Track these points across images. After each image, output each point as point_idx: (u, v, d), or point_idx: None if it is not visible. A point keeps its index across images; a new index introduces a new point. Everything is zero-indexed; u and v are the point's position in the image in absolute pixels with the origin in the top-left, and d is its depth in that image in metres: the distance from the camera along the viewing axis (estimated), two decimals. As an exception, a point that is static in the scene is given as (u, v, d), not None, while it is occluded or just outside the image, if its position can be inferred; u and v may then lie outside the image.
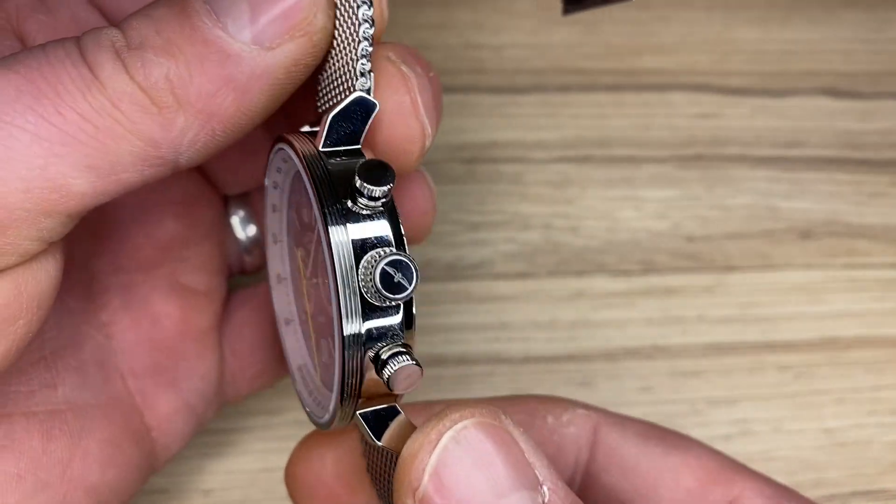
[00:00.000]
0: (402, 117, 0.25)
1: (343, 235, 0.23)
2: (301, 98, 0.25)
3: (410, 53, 0.26)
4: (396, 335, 0.23)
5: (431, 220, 0.29)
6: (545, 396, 0.29)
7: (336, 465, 0.28)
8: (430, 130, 0.25)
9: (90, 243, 0.29)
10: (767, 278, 0.38)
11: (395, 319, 0.23)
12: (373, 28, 0.23)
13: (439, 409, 0.22)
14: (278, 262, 0.29)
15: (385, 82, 0.24)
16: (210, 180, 0.31)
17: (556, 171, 0.39)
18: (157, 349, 0.30)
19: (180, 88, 0.22)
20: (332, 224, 0.22)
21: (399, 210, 0.24)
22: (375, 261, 0.22)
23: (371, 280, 0.22)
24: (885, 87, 0.42)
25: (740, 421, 0.36)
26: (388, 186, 0.22)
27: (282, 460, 0.34)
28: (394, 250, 0.23)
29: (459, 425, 0.21)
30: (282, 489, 0.33)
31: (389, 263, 0.22)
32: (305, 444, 0.28)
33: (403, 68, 0.25)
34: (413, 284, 0.22)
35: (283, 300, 0.29)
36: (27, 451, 0.25)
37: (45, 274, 0.23)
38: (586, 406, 0.29)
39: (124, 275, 0.29)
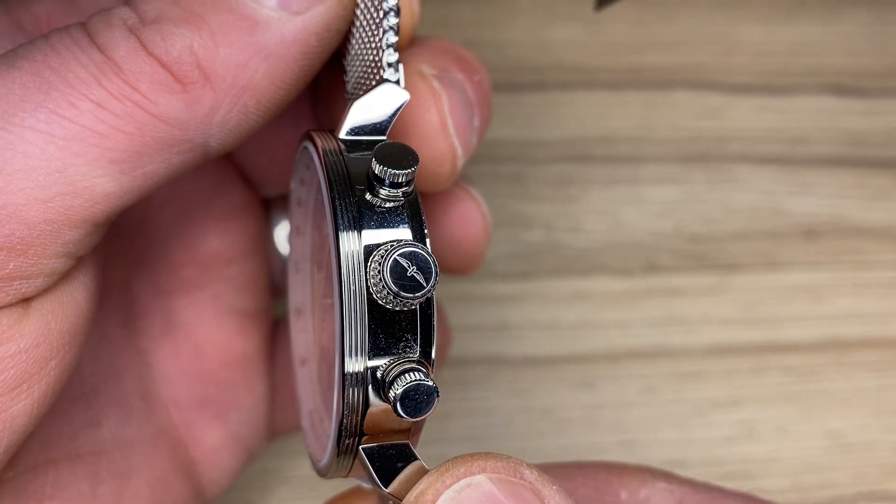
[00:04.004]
0: (429, 139, 0.23)
1: (353, 230, 0.20)
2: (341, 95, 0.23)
3: (451, 56, 0.24)
4: (409, 349, 0.20)
5: (483, 251, 0.26)
6: (617, 465, 0.25)
7: None
8: (460, 151, 0.23)
9: (128, 263, 0.27)
10: (771, 278, 0.38)
11: (409, 331, 0.20)
12: (397, 17, 0.21)
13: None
14: (299, 292, 0.26)
15: (413, 101, 0.22)
16: (250, 181, 0.29)
17: (558, 171, 0.39)
18: (202, 378, 0.27)
19: (206, 61, 0.20)
20: (343, 214, 0.20)
21: (446, 237, 0.22)
22: (387, 251, 0.19)
23: (380, 274, 0.19)
24: (890, 85, 0.42)
25: (743, 422, 0.36)
26: (411, 170, 0.20)
27: (278, 462, 0.33)
28: (410, 241, 0.20)
29: (463, 482, 0.18)
30: (278, 490, 0.33)
31: (403, 255, 0.19)
32: None
33: (435, 84, 0.23)
34: (431, 282, 0.19)
35: (301, 337, 0.26)
36: (76, 497, 0.23)
37: (74, 306, 0.21)
38: (668, 477, 0.24)
39: (164, 297, 0.27)
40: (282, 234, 0.30)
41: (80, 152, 0.19)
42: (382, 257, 0.19)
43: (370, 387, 0.20)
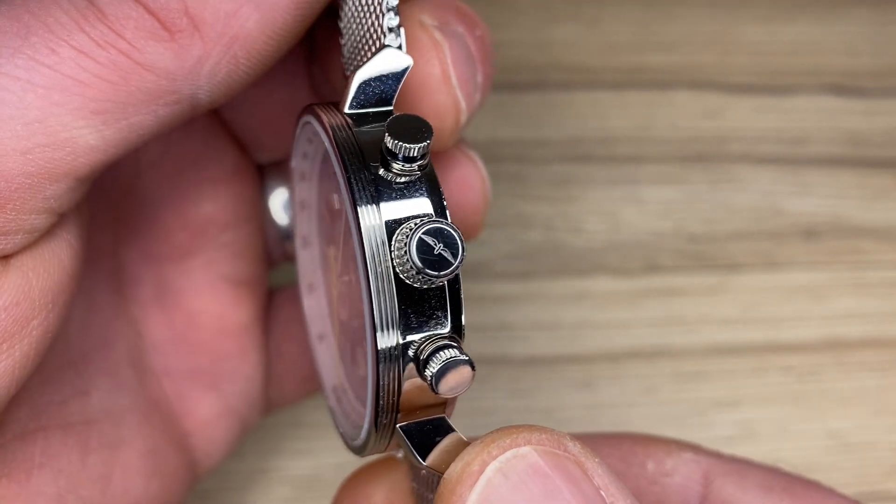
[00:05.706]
0: (431, 91, 0.22)
1: (373, 209, 0.19)
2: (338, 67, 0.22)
3: (451, 9, 0.23)
4: (440, 325, 0.19)
5: (482, 219, 0.25)
6: (643, 436, 0.25)
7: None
8: (463, 105, 0.22)
9: (117, 229, 0.26)
10: (771, 278, 0.38)
11: (439, 307, 0.19)
12: None
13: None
14: (309, 269, 0.26)
15: (414, 52, 0.22)
16: (243, 144, 0.28)
17: (558, 171, 0.39)
18: (194, 348, 0.27)
19: (195, 8, 0.19)
20: (360, 194, 0.19)
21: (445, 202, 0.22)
22: (410, 230, 0.19)
23: (406, 254, 0.18)
24: (890, 85, 0.42)
25: (744, 422, 0.36)
26: (426, 143, 0.19)
27: (277, 461, 0.33)
28: (433, 216, 0.19)
29: (509, 454, 0.18)
30: (277, 490, 0.33)
31: (428, 232, 0.18)
32: (353, 480, 0.24)
33: (436, 35, 0.22)
34: (459, 258, 0.18)
35: (316, 312, 0.26)
36: (65, 467, 0.23)
37: (57, 264, 0.20)
38: (695, 449, 0.25)
39: (156, 264, 0.26)
40: (277, 202, 0.29)
41: (60, 101, 0.19)
42: (407, 236, 0.19)
43: (405, 365, 0.19)
